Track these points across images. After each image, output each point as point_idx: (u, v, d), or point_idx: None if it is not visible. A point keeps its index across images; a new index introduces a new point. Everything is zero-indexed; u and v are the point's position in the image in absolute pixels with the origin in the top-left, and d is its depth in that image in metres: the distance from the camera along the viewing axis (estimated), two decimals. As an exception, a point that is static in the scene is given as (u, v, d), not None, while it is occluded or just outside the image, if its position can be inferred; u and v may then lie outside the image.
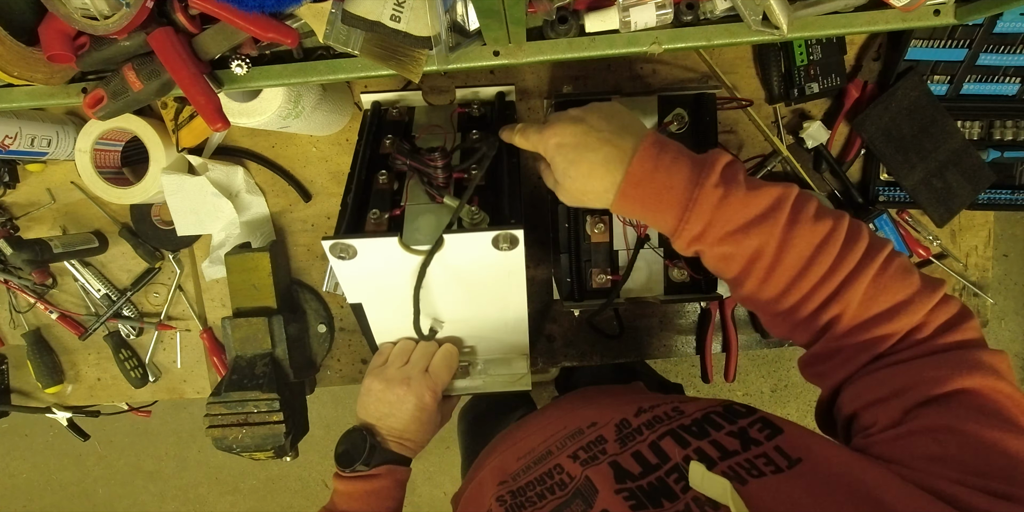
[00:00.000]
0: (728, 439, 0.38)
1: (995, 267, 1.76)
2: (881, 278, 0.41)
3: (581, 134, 0.45)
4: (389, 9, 0.45)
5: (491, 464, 0.55)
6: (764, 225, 0.41)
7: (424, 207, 0.55)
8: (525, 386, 0.67)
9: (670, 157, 0.43)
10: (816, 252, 0.41)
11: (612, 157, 0.43)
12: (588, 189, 0.45)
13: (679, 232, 0.43)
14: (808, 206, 0.42)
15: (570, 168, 0.45)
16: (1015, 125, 0.74)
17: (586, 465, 0.42)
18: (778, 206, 0.41)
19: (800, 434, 0.37)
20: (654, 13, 0.47)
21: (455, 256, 0.51)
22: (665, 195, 0.42)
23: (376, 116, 0.63)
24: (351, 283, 0.55)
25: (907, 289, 0.41)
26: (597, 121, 0.45)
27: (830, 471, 0.33)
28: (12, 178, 0.80)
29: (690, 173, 0.42)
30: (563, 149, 0.45)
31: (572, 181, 0.46)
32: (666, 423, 0.43)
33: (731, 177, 0.42)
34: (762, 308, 0.46)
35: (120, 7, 0.43)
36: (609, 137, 0.44)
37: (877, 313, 0.41)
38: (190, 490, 1.99)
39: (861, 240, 0.42)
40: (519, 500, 0.44)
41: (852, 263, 0.41)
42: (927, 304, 0.40)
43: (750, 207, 0.41)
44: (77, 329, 0.83)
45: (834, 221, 0.42)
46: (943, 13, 0.49)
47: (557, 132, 0.46)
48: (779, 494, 0.32)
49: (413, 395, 0.57)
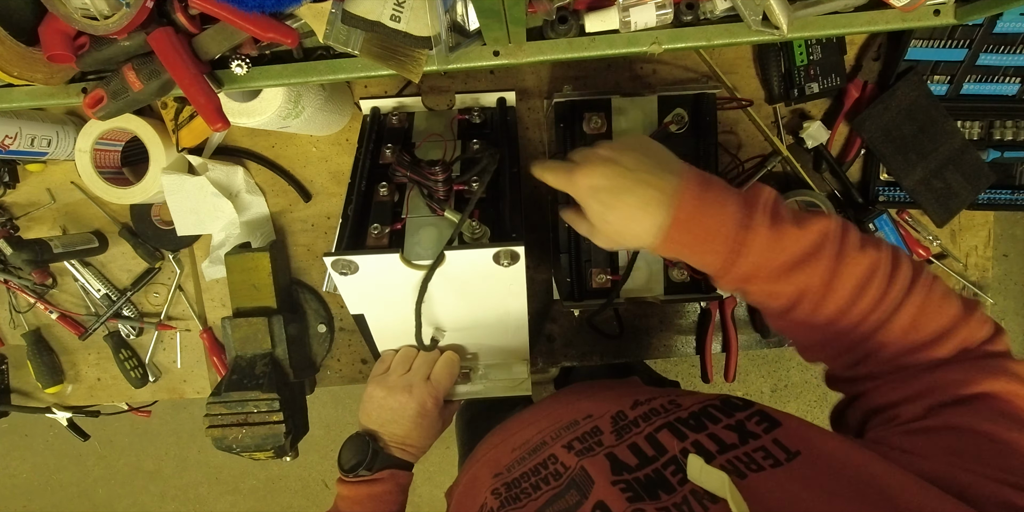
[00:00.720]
0: (726, 432, 0.38)
1: (995, 267, 1.76)
2: (927, 304, 0.40)
3: (615, 175, 0.42)
4: (389, 9, 0.45)
5: (485, 457, 0.55)
6: (813, 260, 0.40)
7: (425, 220, 0.55)
8: (525, 391, 0.68)
9: (714, 196, 0.41)
10: (864, 282, 0.40)
11: (652, 199, 0.41)
12: (627, 232, 0.43)
13: (726, 273, 0.42)
14: (851, 236, 0.42)
15: (607, 212, 0.43)
16: (1015, 125, 0.74)
17: (581, 456, 0.42)
18: (825, 240, 0.40)
19: (798, 426, 0.37)
20: (654, 13, 0.47)
21: (456, 270, 0.51)
22: (713, 236, 0.41)
23: (375, 123, 0.63)
24: (353, 296, 0.55)
25: (951, 313, 0.40)
26: (630, 160, 0.42)
27: (830, 463, 0.33)
28: (12, 178, 0.80)
29: (737, 213, 0.40)
30: (598, 193, 0.43)
31: (610, 225, 0.43)
32: (663, 416, 0.43)
33: (777, 213, 0.41)
34: (804, 337, 0.45)
35: (120, 7, 0.43)
36: (646, 177, 0.41)
37: (924, 338, 0.40)
38: (190, 490, 1.99)
39: (904, 267, 0.41)
40: (514, 492, 0.44)
41: (899, 291, 0.40)
42: (968, 325, 0.40)
43: (799, 244, 0.40)
44: (77, 329, 0.83)
45: (877, 250, 0.41)
46: (943, 13, 0.49)
47: (588, 174, 0.43)
48: (778, 488, 0.32)
49: (415, 402, 0.58)
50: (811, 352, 0.47)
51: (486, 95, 0.63)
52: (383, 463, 0.57)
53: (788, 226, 0.40)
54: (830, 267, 0.40)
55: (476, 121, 0.62)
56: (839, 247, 0.41)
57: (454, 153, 0.60)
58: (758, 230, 0.40)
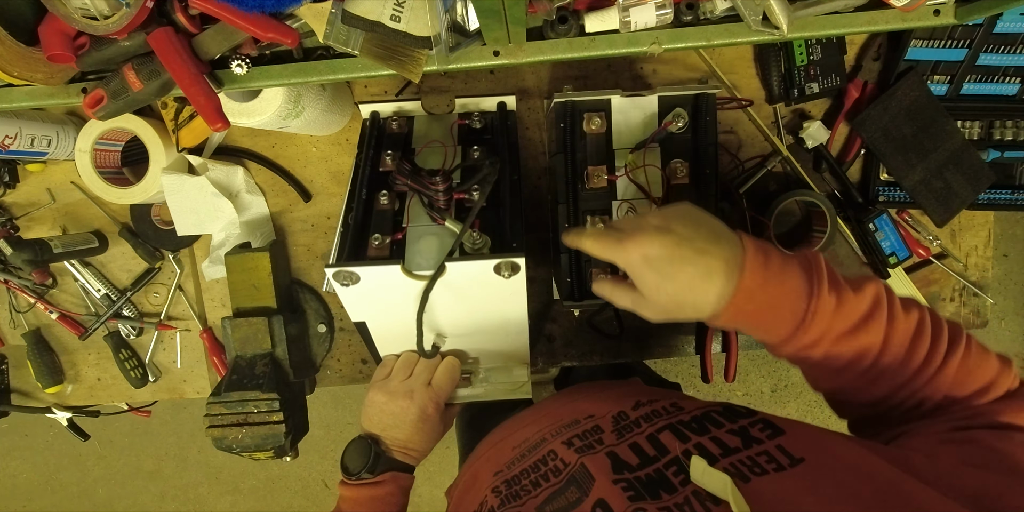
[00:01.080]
0: (729, 436, 0.38)
1: (995, 267, 1.76)
2: (968, 360, 0.41)
3: (672, 245, 0.41)
4: (389, 9, 0.45)
5: (485, 455, 0.55)
6: (872, 322, 0.41)
7: (426, 229, 0.55)
8: (525, 394, 0.68)
9: (777, 265, 0.41)
10: (913, 343, 0.41)
11: (715, 269, 0.40)
12: (686, 303, 0.42)
13: (791, 340, 0.42)
14: (895, 299, 0.43)
15: (665, 283, 0.42)
16: (1015, 125, 0.74)
17: (581, 453, 0.42)
18: (879, 303, 0.41)
19: (803, 434, 0.37)
20: (654, 13, 0.47)
21: (457, 280, 0.52)
22: (781, 305, 0.40)
23: (375, 127, 0.63)
24: (354, 304, 0.56)
25: (992, 368, 0.42)
26: (685, 230, 0.42)
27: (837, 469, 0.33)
28: (12, 178, 0.80)
29: (803, 282, 0.40)
30: (654, 262, 0.42)
31: (668, 296, 0.42)
32: (665, 418, 0.43)
33: (834, 280, 0.41)
34: (851, 397, 0.45)
35: (120, 7, 0.43)
36: (705, 246, 0.41)
37: (968, 394, 0.41)
38: (190, 490, 1.99)
39: (944, 326, 0.43)
40: (514, 489, 0.44)
41: (943, 349, 0.41)
42: (1010, 377, 0.42)
43: (858, 308, 0.41)
44: (77, 329, 0.83)
45: (919, 309, 0.43)
46: (943, 13, 0.49)
47: (642, 244, 0.42)
48: (781, 492, 0.32)
49: (416, 407, 0.58)
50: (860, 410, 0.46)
51: (486, 99, 0.63)
52: (385, 466, 0.58)
53: (847, 292, 0.41)
54: (885, 326, 0.41)
55: (476, 126, 0.62)
56: (889, 308, 0.42)
57: (454, 159, 0.60)
58: (824, 298, 0.40)
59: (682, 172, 0.61)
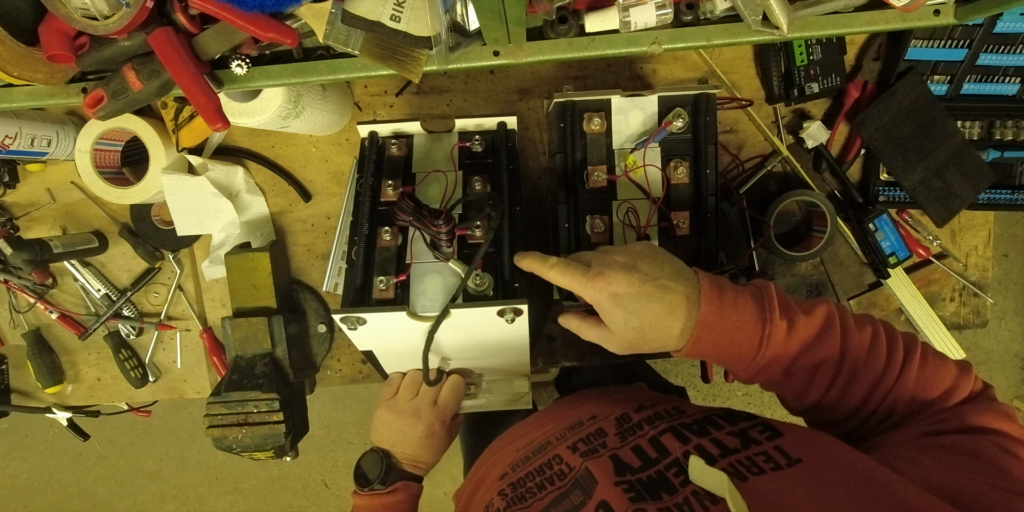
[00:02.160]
0: (728, 438, 0.39)
1: (995, 267, 1.76)
2: (926, 366, 0.43)
3: (639, 283, 0.43)
4: (389, 9, 0.45)
5: (491, 459, 0.56)
6: (825, 340, 0.43)
7: (429, 266, 0.56)
8: (526, 404, 0.71)
9: (731, 297, 0.43)
10: (870, 351, 0.43)
11: (677, 305, 0.43)
12: (651, 338, 0.44)
13: (749, 364, 0.44)
14: (848, 315, 0.45)
15: (632, 319, 0.44)
16: (1015, 125, 0.74)
17: (586, 457, 0.43)
18: (831, 321, 0.44)
19: (802, 436, 0.38)
20: (654, 13, 0.47)
21: (461, 320, 0.53)
22: (737, 335, 0.43)
23: (373, 150, 0.62)
24: (361, 340, 0.57)
25: (950, 374, 0.43)
26: (650, 269, 0.44)
27: (833, 470, 0.33)
28: (12, 178, 0.80)
29: (755, 310, 0.43)
30: (622, 299, 0.44)
31: (635, 332, 0.44)
32: (667, 420, 0.44)
33: (785, 305, 0.44)
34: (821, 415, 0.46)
35: (120, 7, 0.43)
36: (668, 284, 0.43)
37: (931, 398, 0.43)
38: (190, 490, 1.99)
39: (898, 335, 0.45)
40: (519, 492, 0.45)
41: (900, 355, 0.43)
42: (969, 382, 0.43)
43: (809, 329, 0.43)
44: (77, 329, 0.83)
45: (872, 324, 0.45)
46: (943, 13, 0.49)
47: (612, 281, 0.44)
48: (778, 491, 0.33)
49: (423, 425, 0.62)
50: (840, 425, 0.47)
51: (487, 120, 0.63)
52: (396, 477, 0.62)
53: (798, 315, 0.43)
54: (840, 342, 0.43)
55: (477, 149, 0.62)
56: (842, 324, 0.44)
57: (455, 187, 0.60)
58: (777, 323, 0.42)
59: (682, 172, 0.61)
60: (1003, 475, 0.34)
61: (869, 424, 0.45)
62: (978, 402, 0.43)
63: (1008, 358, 1.83)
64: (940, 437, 0.39)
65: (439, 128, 0.64)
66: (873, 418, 0.44)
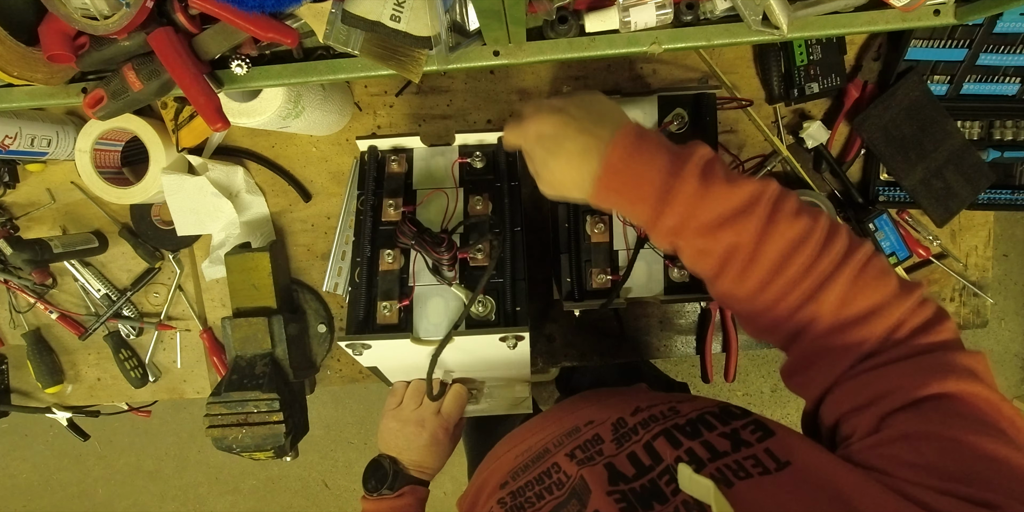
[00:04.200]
0: (719, 440, 0.38)
1: (995, 267, 1.76)
2: (859, 279, 0.39)
3: (560, 124, 0.43)
4: (389, 9, 0.45)
5: (492, 467, 0.56)
6: (742, 219, 0.40)
7: (432, 289, 0.57)
8: (526, 409, 0.72)
9: (648, 147, 0.42)
10: (794, 249, 0.39)
11: (591, 146, 0.42)
12: (566, 179, 0.44)
13: (656, 223, 0.42)
14: (787, 202, 0.41)
15: (548, 158, 0.44)
16: (1015, 125, 0.74)
17: (582, 465, 0.43)
18: (757, 201, 0.40)
19: (791, 437, 0.37)
20: (654, 13, 0.47)
21: (464, 344, 0.54)
22: (642, 185, 0.41)
23: (373, 165, 0.62)
24: (366, 361, 0.58)
25: (884, 290, 0.39)
26: (576, 110, 0.44)
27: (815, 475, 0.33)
28: (12, 178, 0.80)
29: (668, 163, 0.41)
30: (543, 140, 0.44)
31: (551, 172, 0.44)
32: (661, 422, 0.43)
33: (709, 169, 0.41)
34: (738, 306, 0.44)
35: (120, 7, 0.43)
36: (588, 126, 0.43)
37: (854, 314, 0.39)
38: (190, 490, 1.99)
39: (839, 239, 0.40)
40: (519, 501, 0.44)
41: (830, 262, 0.39)
42: (903, 305, 0.39)
43: (729, 200, 0.40)
44: (77, 329, 0.83)
45: (812, 219, 0.40)
46: (943, 13, 0.49)
47: (536, 122, 0.44)
48: (764, 496, 0.33)
49: (427, 433, 0.63)
50: (750, 327, 0.45)
51: (487, 134, 0.63)
52: (403, 482, 0.63)
53: (718, 181, 0.40)
54: (759, 228, 0.40)
55: (478, 165, 0.62)
56: (771, 210, 0.40)
57: (456, 204, 0.60)
58: (686, 180, 0.40)
59: (682, 172, 0.61)
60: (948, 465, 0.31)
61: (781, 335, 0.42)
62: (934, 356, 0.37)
63: (1008, 358, 1.82)
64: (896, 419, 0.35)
65: (439, 142, 0.64)
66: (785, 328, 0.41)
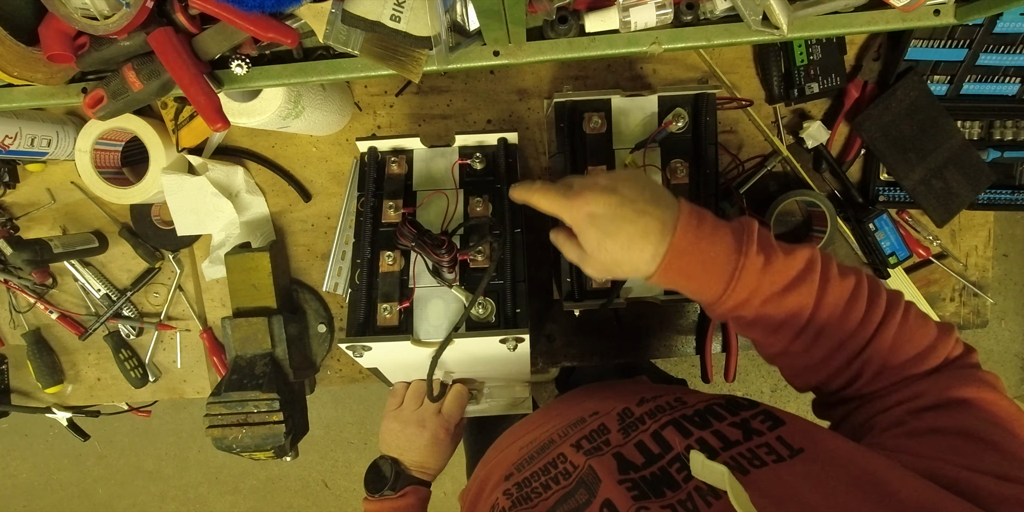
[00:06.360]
0: (730, 429, 0.39)
1: (995, 267, 1.76)
2: (905, 325, 0.43)
3: (616, 205, 0.43)
4: (389, 9, 0.45)
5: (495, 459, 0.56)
6: (802, 284, 0.42)
7: (432, 291, 0.58)
8: (526, 409, 0.74)
9: (709, 227, 0.43)
10: (849, 300, 0.43)
11: (652, 229, 0.42)
12: (624, 261, 0.44)
13: (723, 300, 0.43)
14: (832, 264, 0.44)
15: (606, 240, 0.43)
16: (1015, 125, 0.74)
17: (589, 455, 0.43)
18: (812, 266, 0.43)
19: (803, 426, 0.38)
20: (654, 13, 0.47)
21: (464, 345, 0.55)
22: (710, 265, 0.42)
23: (374, 168, 0.62)
24: (367, 362, 0.58)
25: (930, 334, 0.43)
26: (629, 192, 0.43)
27: (833, 460, 0.34)
28: (12, 178, 0.80)
29: (732, 242, 0.42)
30: (598, 220, 0.43)
31: (608, 253, 0.44)
32: (668, 413, 0.44)
33: (766, 243, 0.43)
34: (795, 361, 0.46)
35: (120, 7, 0.43)
36: (645, 208, 0.42)
37: (906, 359, 0.42)
38: (190, 490, 1.99)
39: (883, 292, 0.44)
40: (524, 491, 0.45)
41: (879, 313, 0.43)
42: (948, 345, 0.43)
43: (790, 269, 0.42)
44: (77, 329, 0.83)
45: (856, 276, 0.44)
46: (943, 13, 0.49)
47: (589, 201, 0.43)
48: (780, 483, 0.33)
49: (428, 434, 0.63)
50: (806, 376, 0.47)
51: (488, 136, 0.63)
52: (405, 483, 0.63)
53: (777, 254, 0.43)
54: (818, 288, 0.43)
55: (477, 167, 0.62)
56: (823, 272, 0.43)
57: (456, 206, 0.61)
58: (751, 257, 0.42)
59: (682, 172, 0.61)
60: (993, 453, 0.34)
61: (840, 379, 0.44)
62: (960, 370, 0.42)
63: (1008, 358, 1.83)
64: (924, 415, 0.39)
65: (439, 142, 0.64)
66: (844, 373, 0.44)
